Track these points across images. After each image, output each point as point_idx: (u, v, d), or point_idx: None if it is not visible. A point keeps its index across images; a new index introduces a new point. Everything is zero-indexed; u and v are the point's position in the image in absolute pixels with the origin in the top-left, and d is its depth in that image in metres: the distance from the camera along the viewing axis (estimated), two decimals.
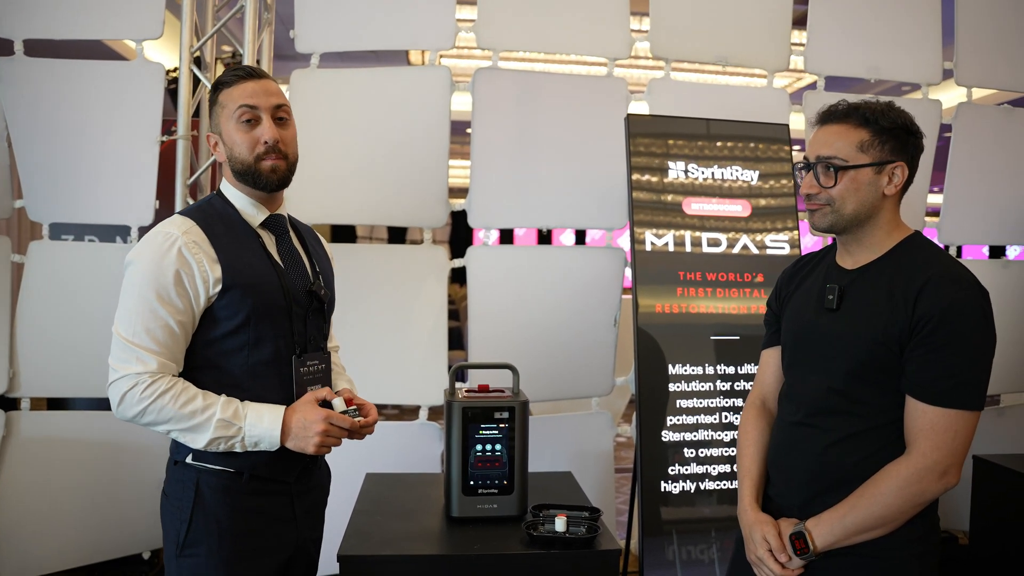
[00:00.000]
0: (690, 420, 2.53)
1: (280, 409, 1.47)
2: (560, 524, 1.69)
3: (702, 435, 2.53)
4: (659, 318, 2.56)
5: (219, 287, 1.46)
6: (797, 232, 2.73)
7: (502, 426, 1.80)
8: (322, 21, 2.80)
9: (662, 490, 2.47)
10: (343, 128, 2.82)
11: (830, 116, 1.46)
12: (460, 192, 2.96)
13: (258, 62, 3.10)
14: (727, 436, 2.54)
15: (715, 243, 2.66)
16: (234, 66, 2.01)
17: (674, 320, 2.57)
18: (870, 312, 1.39)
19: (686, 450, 2.50)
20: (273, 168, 1.53)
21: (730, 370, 2.58)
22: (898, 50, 3.20)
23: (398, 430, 2.86)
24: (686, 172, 2.69)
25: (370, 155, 2.83)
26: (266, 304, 1.50)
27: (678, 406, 2.52)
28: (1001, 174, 3.30)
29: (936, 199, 3.30)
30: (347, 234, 8.27)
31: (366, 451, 2.42)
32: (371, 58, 5.07)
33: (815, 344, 1.47)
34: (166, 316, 1.42)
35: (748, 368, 2.59)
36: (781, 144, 2.78)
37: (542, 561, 1.64)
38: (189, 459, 1.49)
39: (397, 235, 9.58)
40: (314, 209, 2.75)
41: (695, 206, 2.68)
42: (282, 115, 1.55)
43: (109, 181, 2.72)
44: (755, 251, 2.68)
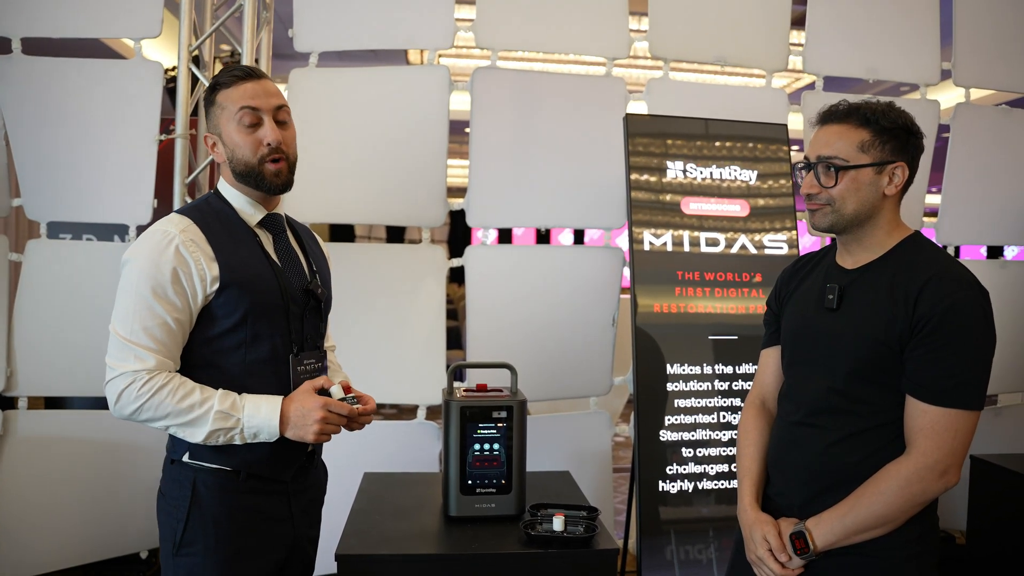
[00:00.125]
0: (688, 420, 2.53)
1: (278, 399, 1.47)
2: (558, 523, 1.68)
3: (700, 435, 2.53)
4: (657, 318, 2.56)
5: (216, 285, 1.46)
6: (795, 232, 2.74)
7: (500, 425, 1.80)
8: (321, 20, 2.80)
9: (660, 490, 2.47)
10: (342, 127, 2.82)
11: (831, 116, 1.45)
12: (459, 191, 2.96)
13: (256, 61, 3.09)
14: (725, 436, 2.55)
15: (713, 243, 2.66)
16: (231, 66, 2.00)
17: (672, 320, 2.57)
18: (870, 312, 1.39)
19: (684, 450, 2.51)
20: (277, 172, 1.53)
21: (728, 370, 2.58)
22: (896, 51, 3.20)
23: (396, 429, 2.86)
24: (684, 172, 2.70)
25: (369, 154, 2.83)
26: (263, 302, 1.50)
27: (676, 406, 2.52)
28: (999, 174, 3.30)
29: (934, 199, 3.30)
30: (346, 233, 8.28)
31: (364, 450, 2.43)
32: (370, 57, 5.07)
33: (815, 344, 1.48)
34: (163, 314, 1.42)
35: (746, 368, 2.59)
36: (780, 144, 2.78)
37: (540, 560, 1.64)
38: (186, 458, 1.49)
39: (396, 234, 9.59)
40: (313, 208, 2.75)
41: (693, 206, 2.68)
42: (283, 116, 1.55)
43: (107, 180, 2.71)
44: (753, 251, 2.68)
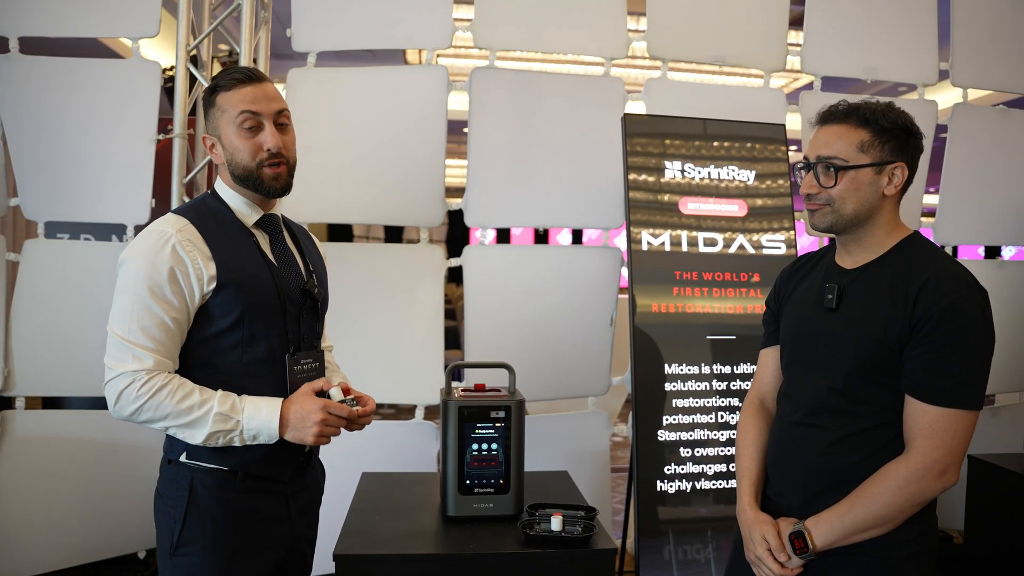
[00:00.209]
0: (686, 420, 2.53)
1: (277, 401, 1.47)
2: (556, 523, 1.68)
3: (698, 435, 2.53)
4: (655, 318, 2.56)
5: (214, 284, 1.46)
6: (793, 232, 2.74)
7: (498, 425, 1.80)
8: (319, 20, 2.79)
9: (658, 490, 2.47)
10: (340, 127, 2.82)
11: (830, 116, 1.46)
12: (457, 191, 2.96)
13: (255, 61, 3.09)
14: (723, 436, 2.55)
15: (711, 243, 2.66)
16: (230, 67, 2.00)
17: (670, 320, 2.57)
18: (870, 311, 1.39)
19: (682, 450, 2.51)
20: (276, 176, 1.53)
21: (726, 370, 2.58)
22: (894, 51, 3.21)
23: (394, 429, 2.86)
24: (683, 172, 2.70)
25: (367, 154, 2.83)
26: (260, 302, 1.50)
27: (674, 405, 2.53)
28: (997, 175, 3.30)
29: (932, 199, 3.30)
30: (344, 233, 8.29)
31: (362, 450, 2.43)
32: (368, 57, 5.07)
33: (814, 343, 1.48)
34: (161, 313, 1.42)
35: (744, 368, 2.59)
36: (778, 144, 2.78)
37: (538, 560, 1.64)
38: (183, 458, 1.49)
39: (394, 234, 9.59)
40: (311, 208, 2.75)
41: (691, 206, 2.68)
42: (283, 120, 1.55)
43: (105, 179, 2.71)
44: (751, 251, 2.68)
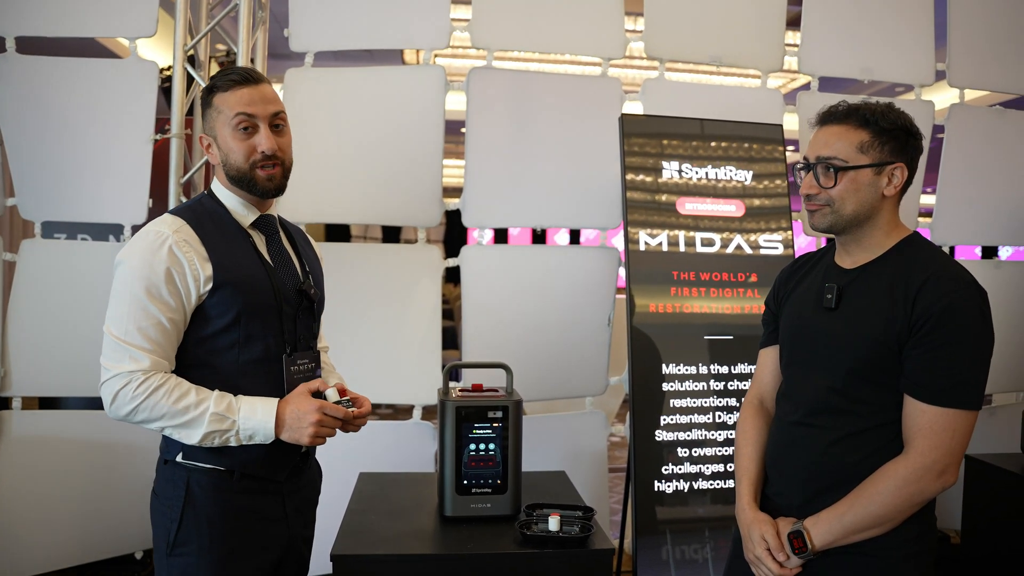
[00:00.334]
0: (684, 420, 2.53)
1: (273, 401, 1.47)
2: (553, 523, 1.68)
3: (696, 435, 2.53)
4: (653, 318, 2.57)
5: (210, 285, 1.46)
6: (791, 232, 2.74)
7: (496, 425, 1.80)
8: (316, 20, 2.79)
9: (656, 490, 2.47)
10: (337, 127, 2.81)
11: (830, 117, 1.46)
12: (454, 191, 2.96)
13: (252, 61, 3.09)
14: (721, 436, 2.55)
15: (709, 243, 2.67)
16: (228, 67, 2.00)
17: (668, 320, 2.57)
18: (869, 311, 1.40)
19: (680, 450, 2.51)
20: (269, 177, 1.53)
21: (724, 370, 2.59)
22: (891, 51, 3.21)
23: (392, 429, 2.86)
24: (680, 172, 2.70)
25: (364, 154, 2.83)
26: (256, 302, 1.50)
27: (672, 406, 2.53)
28: (993, 175, 3.31)
29: (929, 200, 3.30)
30: (341, 233, 8.28)
31: (360, 450, 2.43)
32: (366, 57, 5.07)
33: (813, 343, 1.48)
34: (157, 314, 1.42)
35: (742, 368, 2.59)
36: (775, 144, 2.78)
37: (535, 560, 1.64)
38: (179, 458, 1.49)
39: (391, 234, 9.58)
40: (308, 208, 2.75)
41: (689, 206, 2.68)
42: (279, 122, 1.55)
43: (102, 179, 2.71)
44: (749, 251, 2.69)
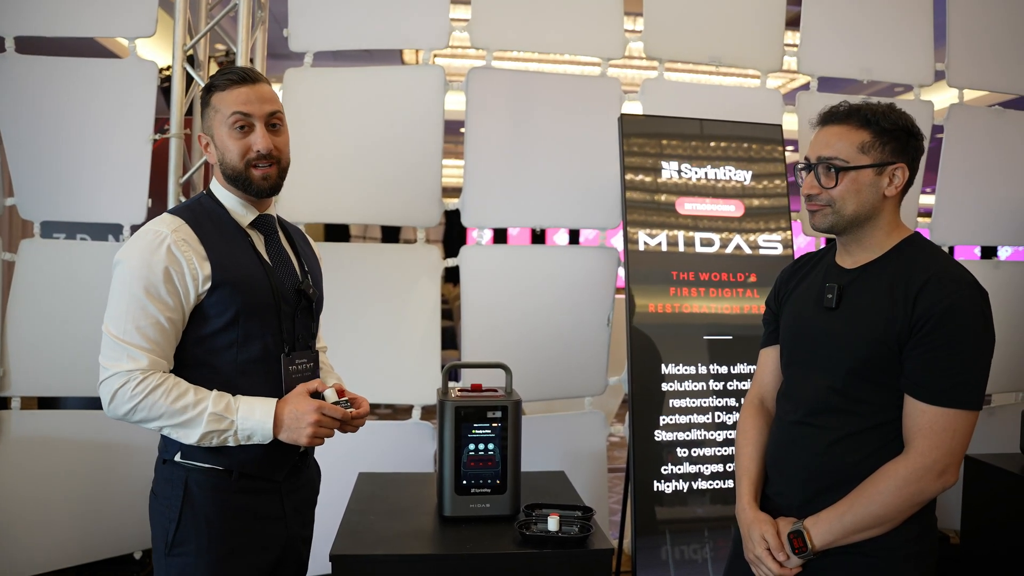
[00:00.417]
0: (683, 420, 2.53)
1: (272, 401, 1.47)
2: (553, 523, 1.68)
3: (695, 435, 2.53)
4: (652, 318, 2.57)
5: (208, 284, 1.46)
6: (790, 232, 2.74)
7: (495, 425, 1.80)
8: (316, 20, 2.79)
9: (655, 490, 2.47)
10: (337, 127, 2.81)
11: (831, 117, 1.46)
12: (454, 191, 2.96)
13: (251, 61, 3.08)
14: (720, 436, 2.55)
15: (708, 243, 2.67)
16: (227, 66, 2.00)
17: (667, 320, 2.57)
18: (870, 311, 1.40)
19: (679, 450, 2.51)
20: (264, 176, 1.54)
21: (723, 370, 2.59)
22: (890, 51, 3.21)
23: (391, 429, 2.86)
24: (679, 172, 2.70)
25: (364, 154, 2.83)
26: (255, 302, 1.50)
27: (671, 406, 2.53)
28: (993, 175, 3.31)
29: (928, 200, 3.30)
30: (341, 233, 8.28)
31: (359, 450, 2.43)
32: (365, 57, 5.07)
33: (814, 343, 1.48)
34: (156, 313, 1.42)
35: (741, 368, 2.59)
36: (774, 144, 2.78)
37: (535, 560, 1.64)
38: (178, 457, 1.49)
39: (391, 234, 9.58)
40: (308, 208, 2.75)
41: (688, 206, 2.68)
42: (275, 121, 1.55)
43: (101, 179, 2.71)
44: (748, 251, 2.69)
